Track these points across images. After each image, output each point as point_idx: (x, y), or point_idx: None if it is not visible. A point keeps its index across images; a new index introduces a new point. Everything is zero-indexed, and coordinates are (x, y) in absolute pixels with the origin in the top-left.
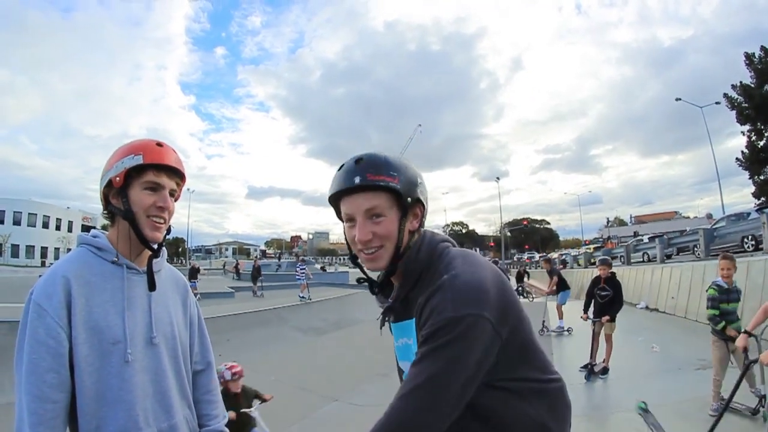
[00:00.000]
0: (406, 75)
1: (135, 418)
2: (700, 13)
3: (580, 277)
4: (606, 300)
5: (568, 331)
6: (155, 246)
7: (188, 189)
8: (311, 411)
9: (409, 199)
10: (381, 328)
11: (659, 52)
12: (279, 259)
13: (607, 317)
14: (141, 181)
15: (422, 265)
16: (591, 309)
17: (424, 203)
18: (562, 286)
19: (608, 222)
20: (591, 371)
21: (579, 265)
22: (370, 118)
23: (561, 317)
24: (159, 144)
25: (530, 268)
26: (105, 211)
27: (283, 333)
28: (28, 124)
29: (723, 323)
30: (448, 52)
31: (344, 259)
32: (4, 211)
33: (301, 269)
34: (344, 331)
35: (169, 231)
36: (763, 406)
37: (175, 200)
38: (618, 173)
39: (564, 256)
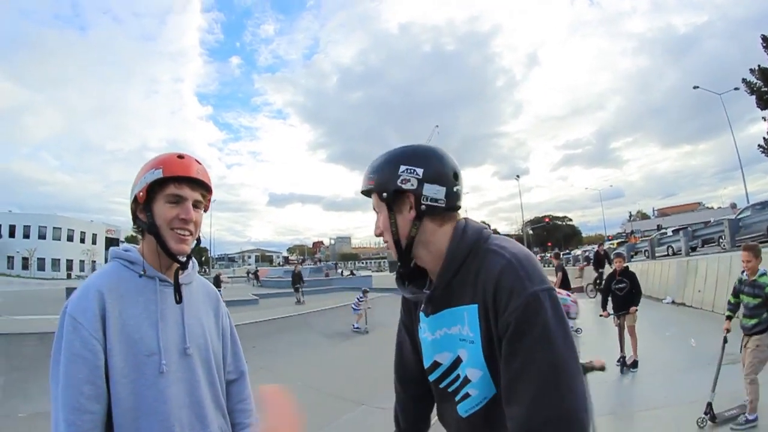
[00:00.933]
0: (422, 76)
1: (170, 429)
2: None
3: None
4: (624, 292)
5: (576, 331)
6: (183, 258)
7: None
8: (338, 416)
9: (384, 194)
10: (419, 322)
11: (675, 40)
12: (301, 264)
13: (635, 307)
14: (163, 195)
15: (467, 250)
16: (609, 305)
17: (413, 195)
18: (563, 285)
19: (631, 216)
20: (624, 364)
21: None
22: (388, 121)
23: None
24: (180, 156)
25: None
26: (134, 226)
27: (308, 338)
28: (49, 141)
29: (728, 312)
30: (463, 51)
31: (367, 263)
32: (29, 226)
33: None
34: (369, 335)
35: (198, 242)
36: (706, 414)
37: (205, 211)
38: (639, 166)
39: (588, 253)
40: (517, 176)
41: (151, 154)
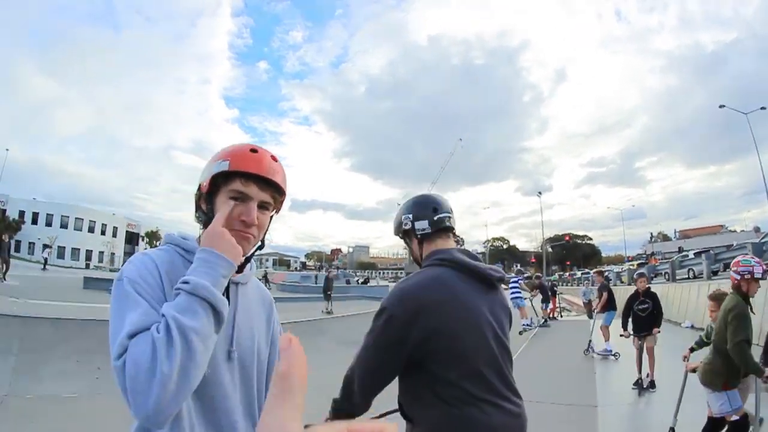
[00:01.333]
0: (449, 89)
1: (193, 428)
2: (743, 15)
3: (624, 295)
4: (647, 313)
5: (615, 356)
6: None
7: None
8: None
9: (398, 235)
10: None
11: (703, 58)
12: (319, 270)
13: (658, 329)
14: (227, 189)
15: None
16: (630, 325)
17: (412, 230)
18: (609, 305)
19: (652, 237)
20: (641, 387)
21: (622, 282)
22: (414, 132)
23: (607, 339)
24: (254, 150)
25: (562, 285)
26: (196, 214)
27: (320, 344)
28: (77, 134)
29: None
30: (492, 65)
31: (384, 273)
32: (52, 214)
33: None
34: None
35: (261, 246)
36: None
37: (275, 213)
38: (663, 186)
39: (607, 273)
40: (539, 193)
41: (176, 153)
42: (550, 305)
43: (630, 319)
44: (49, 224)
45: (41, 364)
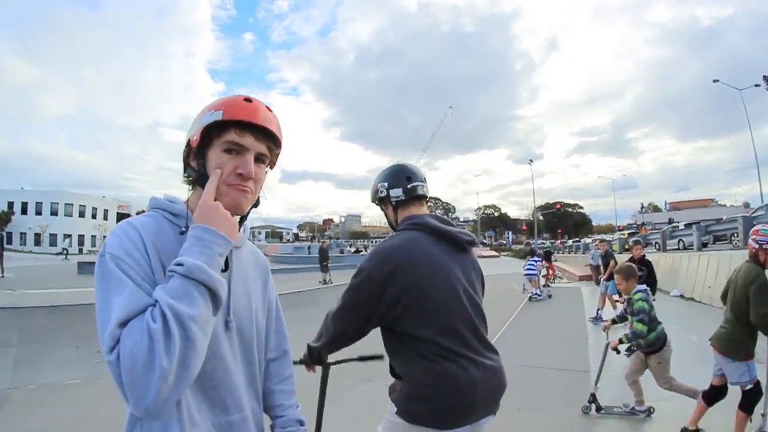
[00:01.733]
0: (440, 57)
1: (200, 410)
2: None
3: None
4: (641, 281)
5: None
6: (236, 218)
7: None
8: (345, 391)
9: (375, 202)
10: None
11: (698, 32)
12: (311, 241)
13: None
14: (221, 141)
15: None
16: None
17: (387, 198)
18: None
19: (642, 208)
20: (632, 352)
21: (613, 250)
22: (404, 100)
23: (614, 307)
24: (247, 99)
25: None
26: (184, 175)
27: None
28: (62, 118)
29: (614, 317)
30: (483, 32)
31: (377, 241)
32: (41, 202)
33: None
34: None
35: (257, 204)
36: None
37: (271, 168)
38: (654, 157)
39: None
40: (531, 161)
41: (163, 130)
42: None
43: None
44: (39, 213)
45: (41, 353)
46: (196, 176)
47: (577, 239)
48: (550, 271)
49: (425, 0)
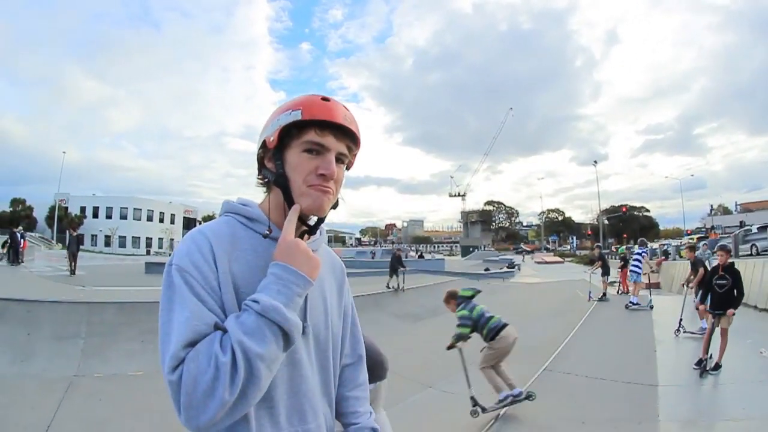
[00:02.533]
0: (498, 57)
1: (277, 417)
2: None
3: (683, 270)
4: (725, 290)
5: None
6: (314, 220)
7: None
8: (405, 397)
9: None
10: None
11: (763, 11)
12: (374, 246)
13: (732, 310)
14: (300, 141)
15: None
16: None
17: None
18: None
19: (712, 210)
20: (704, 368)
21: (681, 257)
22: (464, 103)
23: (702, 317)
24: (325, 99)
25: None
26: (259, 177)
27: (379, 319)
28: (130, 130)
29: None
30: (540, 29)
31: (439, 246)
32: (111, 207)
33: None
34: (441, 318)
35: (335, 205)
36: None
37: (348, 169)
38: (724, 154)
39: (665, 247)
40: (595, 162)
41: (228, 139)
42: (617, 278)
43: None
44: (109, 217)
45: (108, 345)
46: (275, 177)
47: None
48: (622, 280)
49: (480, 0)
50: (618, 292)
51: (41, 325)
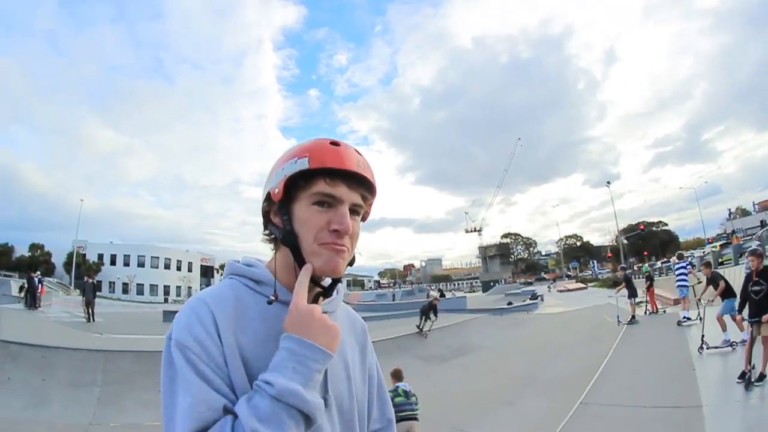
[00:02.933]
0: (502, 88)
1: None
2: None
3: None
4: (761, 296)
5: (732, 346)
6: (328, 281)
7: None
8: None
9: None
10: None
11: (752, 7)
12: (394, 287)
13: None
14: (309, 193)
15: None
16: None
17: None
18: (727, 293)
19: (730, 214)
20: (749, 381)
21: (694, 266)
22: (473, 137)
23: (725, 329)
24: (334, 143)
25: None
26: (264, 233)
27: (403, 362)
28: (146, 179)
29: None
30: (540, 57)
31: (459, 284)
32: (129, 255)
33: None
34: (466, 357)
35: (352, 262)
36: None
37: (363, 220)
38: (734, 156)
39: (690, 258)
40: (608, 182)
41: (242, 187)
42: (644, 298)
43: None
44: (126, 264)
45: (125, 394)
46: (282, 235)
47: (665, 259)
48: (651, 299)
49: (478, 34)
50: (646, 313)
51: (56, 371)
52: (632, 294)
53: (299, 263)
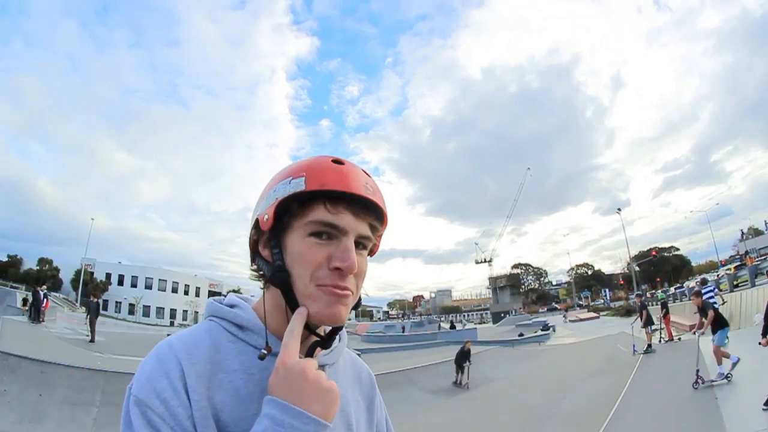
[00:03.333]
0: (511, 118)
1: None
2: None
3: (727, 305)
4: None
5: (727, 378)
6: (327, 329)
7: None
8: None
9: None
10: None
11: (753, 25)
12: (402, 319)
13: None
14: (305, 222)
15: None
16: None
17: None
18: (718, 324)
19: (743, 235)
20: None
21: (721, 290)
22: (483, 167)
23: (720, 362)
24: (338, 161)
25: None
26: (252, 268)
27: (411, 395)
28: (157, 202)
29: None
30: (548, 86)
31: (469, 315)
32: (137, 276)
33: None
34: (478, 390)
35: (357, 305)
36: None
37: (371, 254)
38: (744, 175)
39: (707, 285)
40: (618, 209)
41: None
42: (659, 325)
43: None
44: (134, 285)
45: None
46: (271, 272)
47: (679, 285)
48: (667, 327)
49: (487, 65)
50: (660, 341)
51: (54, 387)
52: (649, 323)
53: (291, 307)
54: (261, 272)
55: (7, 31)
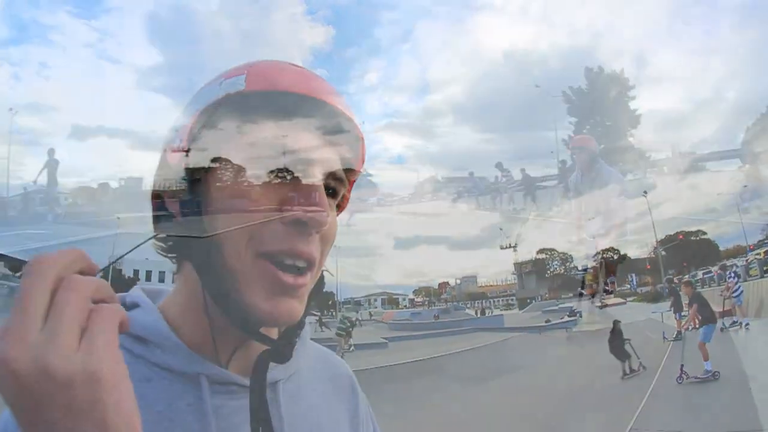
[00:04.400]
0: (532, 102)
1: None
2: None
3: (757, 290)
4: None
5: (715, 376)
6: (277, 332)
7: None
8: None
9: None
10: None
11: None
12: (428, 306)
13: None
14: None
15: None
16: None
17: None
18: (706, 319)
19: None
20: None
21: (750, 276)
22: (507, 152)
23: (707, 358)
24: (294, 65)
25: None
26: (157, 239)
27: (440, 384)
28: None
29: None
30: (570, 67)
31: (495, 301)
32: (164, 271)
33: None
34: (505, 378)
35: (321, 287)
36: None
37: (340, 208)
38: None
39: (735, 267)
40: (645, 192)
41: None
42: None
43: None
44: (161, 281)
45: None
46: (183, 243)
47: (707, 269)
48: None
49: (508, 48)
50: (689, 328)
51: None
52: (678, 309)
53: (215, 293)
54: (169, 243)
55: None
